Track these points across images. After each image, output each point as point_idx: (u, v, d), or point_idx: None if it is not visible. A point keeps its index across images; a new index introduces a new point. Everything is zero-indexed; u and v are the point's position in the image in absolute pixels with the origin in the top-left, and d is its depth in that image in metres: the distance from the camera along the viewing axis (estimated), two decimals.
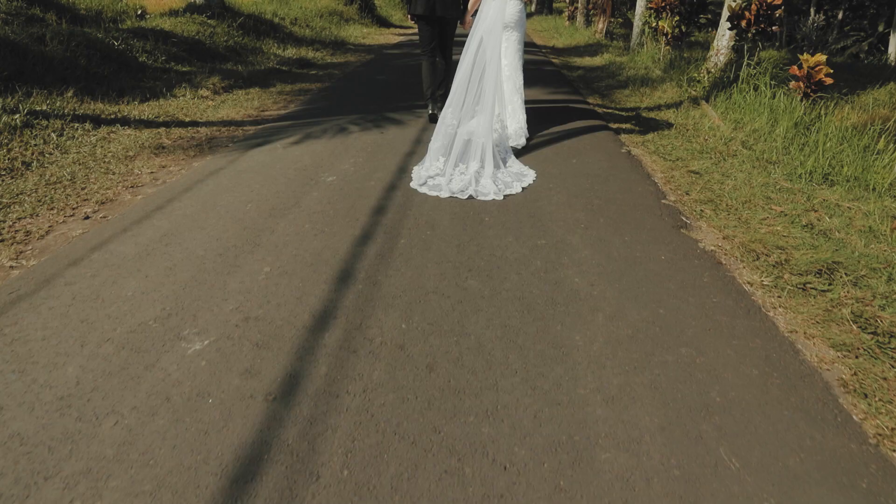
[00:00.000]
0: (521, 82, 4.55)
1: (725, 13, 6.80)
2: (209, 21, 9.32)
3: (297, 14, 12.31)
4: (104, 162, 3.96)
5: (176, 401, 1.71)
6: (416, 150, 4.29)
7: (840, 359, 2.07)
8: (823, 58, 5.38)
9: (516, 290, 2.37)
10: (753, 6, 6.25)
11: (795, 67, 5.55)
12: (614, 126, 5.49)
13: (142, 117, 5.10)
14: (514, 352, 1.97)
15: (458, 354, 1.95)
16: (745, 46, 6.52)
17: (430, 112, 5.17)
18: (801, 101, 5.51)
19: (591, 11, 14.28)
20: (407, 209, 3.17)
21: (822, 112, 5.40)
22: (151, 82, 6.42)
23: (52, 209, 3.15)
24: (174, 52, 7.59)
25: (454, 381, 1.81)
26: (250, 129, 4.94)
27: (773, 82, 6.44)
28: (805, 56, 5.46)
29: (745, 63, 6.52)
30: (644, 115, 6.11)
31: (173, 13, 9.41)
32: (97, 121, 4.82)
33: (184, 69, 7.19)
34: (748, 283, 2.60)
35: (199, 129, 4.91)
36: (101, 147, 4.26)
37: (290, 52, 9.58)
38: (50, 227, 2.94)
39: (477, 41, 4.05)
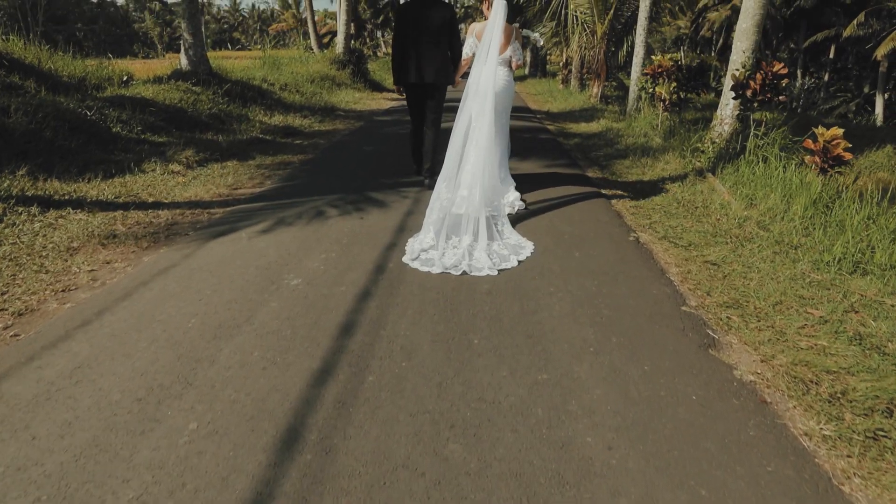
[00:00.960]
0: (508, 150, 4.71)
1: (729, 82, 6.50)
2: (194, 88, 9.06)
3: (287, 79, 12.15)
4: (40, 257, 3.46)
5: None
6: (398, 241, 3.80)
7: None
8: (840, 131, 5.01)
9: (512, 459, 1.82)
10: (759, 76, 5.95)
11: (809, 141, 5.17)
12: (617, 205, 5.05)
13: (100, 197, 4.64)
14: None
15: None
16: (751, 116, 6.19)
17: (420, 176, 5.36)
18: (818, 176, 5.12)
19: (586, 76, 14.23)
20: (380, 327, 2.64)
21: (842, 189, 4.98)
22: (122, 155, 6.01)
23: None
24: (151, 122, 7.24)
25: None
26: (218, 213, 4.47)
27: (782, 154, 6.09)
28: (820, 129, 5.09)
29: (751, 133, 6.17)
30: (648, 190, 5.70)
31: (157, 80, 9.15)
32: (47, 203, 4.35)
33: (160, 140, 6.81)
34: (805, 434, 2.06)
35: (160, 212, 4.44)
36: (43, 236, 3.76)
37: (277, 119, 9.29)
38: None
39: (468, 113, 4.06)
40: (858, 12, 24.75)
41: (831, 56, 29.70)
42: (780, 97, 6.03)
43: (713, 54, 34.92)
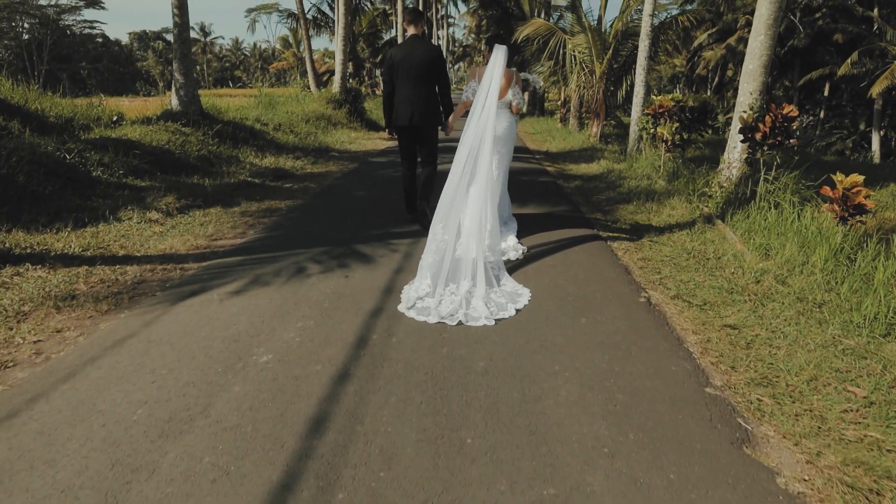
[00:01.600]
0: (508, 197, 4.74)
1: (737, 124, 6.24)
2: (184, 129, 8.82)
3: (282, 119, 11.96)
4: None
5: None
6: (385, 305, 3.43)
7: None
8: (860, 178, 4.70)
9: None
10: (768, 118, 5.68)
11: (828, 188, 4.86)
12: (624, 257, 4.71)
13: (66, 251, 4.29)
14: None
15: None
16: (761, 160, 5.90)
17: (412, 218, 5.36)
18: (837, 224, 4.79)
19: (585, 115, 14.10)
20: (357, 420, 2.25)
21: (865, 240, 4.65)
22: (99, 202, 5.69)
23: None
24: (135, 165, 6.95)
25: None
26: (191, 268, 4.11)
27: (794, 199, 5.79)
28: (839, 176, 4.79)
29: (761, 178, 5.88)
30: (655, 238, 5.36)
31: (146, 121, 8.92)
32: (5, 257, 4.00)
33: (142, 184, 6.51)
34: None
35: (129, 267, 4.08)
36: None
37: (269, 160, 9.02)
38: None
39: (465, 153, 3.99)
40: (851, 52, 24.98)
41: (826, 94, 29.90)
42: (791, 140, 5.75)
43: (709, 92, 35.23)
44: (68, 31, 57.81)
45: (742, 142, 6.07)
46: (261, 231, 5.12)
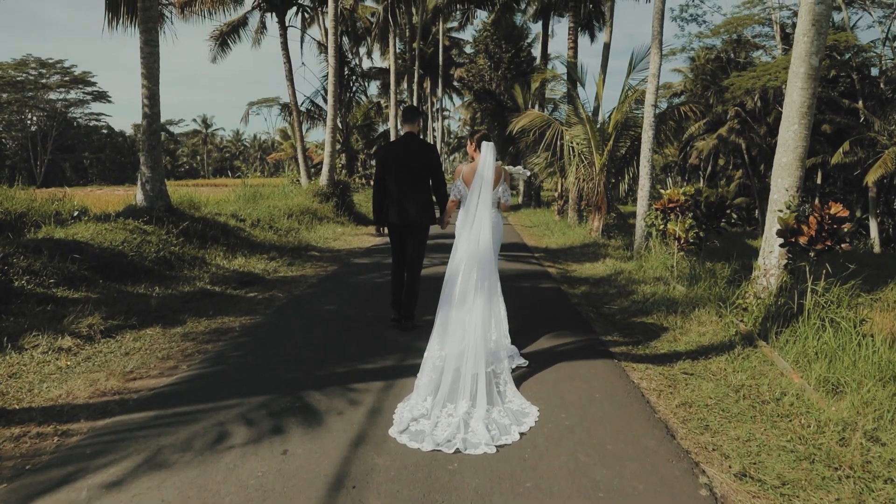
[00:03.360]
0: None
1: (773, 225, 5.35)
2: (145, 227, 7.93)
3: (262, 214, 11.16)
4: None
5: None
6: None
7: None
8: None
9: None
10: (812, 220, 4.79)
11: None
12: (659, 403, 3.65)
13: None
14: None
15: None
16: (807, 268, 4.96)
17: (393, 317, 5.11)
18: None
19: (584, 208, 13.40)
20: None
21: None
22: (9, 321, 4.65)
23: None
24: (72, 272, 5.97)
25: None
26: (77, 433, 3.01)
27: (850, 314, 4.82)
28: None
29: (808, 289, 4.90)
30: (689, 368, 4.33)
31: (104, 218, 8.05)
32: None
33: (74, 296, 5.49)
34: None
35: None
36: None
37: (238, 262, 8.08)
38: None
39: (460, 260, 3.92)
40: (840, 141, 25.14)
41: (819, 182, 29.95)
42: (843, 245, 4.83)
43: (702, 182, 35.37)
44: (75, 123, 59.16)
45: (781, 246, 5.15)
46: (196, 365, 4.04)
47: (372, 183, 25.99)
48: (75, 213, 8.60)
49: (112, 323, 4.80)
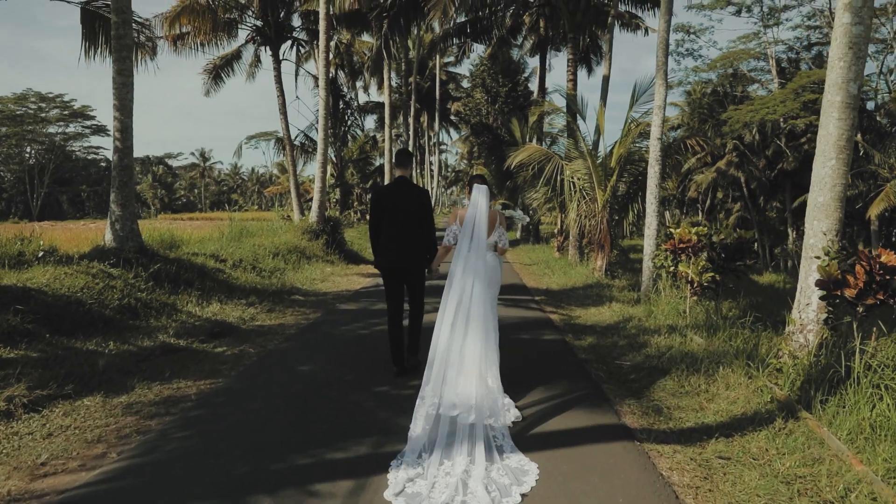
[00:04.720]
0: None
1: (810, 273, 4.69)
2: (111, 270, 7.25)
3: (246, 253, 10.49)
4: None
5: None
6: None
7: None
8: None
9: None
10: (859, 269, 4.13)
11: None
12: (692, 500, 2.93)
13: None
14: None
15: None
16: (854, 325, 4.28)
17: (397, 371, 4.89)
18: None
19: (586, 245, 12.76)
20: None
21: None
22: None
23: None
24: (13, 326, 5.26)
25: None
26: None
27: None
28: None
29: (856, 349, 4.22)
30: (724, 449, 3.62)
31: (66, 260, 7.38)
32: None
33: (9, 355, 4.78)
34: None
35: None
36: None
37: (212, 309, 7.37)
38: None
39: (455, 304, 3.85)
40: None
41: None
42: None
43: (701, 215, 34.87)
44: (73, 156, 59.01)
45: (822, 299, 4.48)
46: (128, 453, 3.30)
47: (367, 217, 25.46)
48: (40, 254, 7.91)
49: (39, 393, 4.07)
